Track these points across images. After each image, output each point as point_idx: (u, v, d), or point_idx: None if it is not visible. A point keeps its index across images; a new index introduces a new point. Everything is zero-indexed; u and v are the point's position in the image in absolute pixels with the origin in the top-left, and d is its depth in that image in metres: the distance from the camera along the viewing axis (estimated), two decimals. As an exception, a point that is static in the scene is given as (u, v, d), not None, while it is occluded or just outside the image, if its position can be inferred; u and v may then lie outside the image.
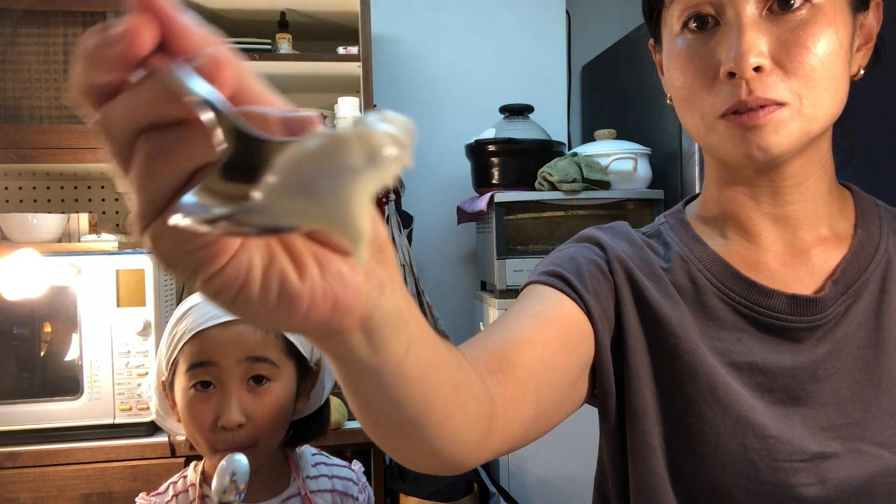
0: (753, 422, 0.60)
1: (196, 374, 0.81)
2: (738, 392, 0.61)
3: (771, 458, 0.59)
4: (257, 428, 0.81)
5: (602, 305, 0.64)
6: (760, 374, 0.62)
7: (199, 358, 0.81)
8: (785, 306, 0.63)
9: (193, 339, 0.81)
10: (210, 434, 0.81)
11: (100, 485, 1.45)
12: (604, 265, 0.67)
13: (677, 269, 0.67)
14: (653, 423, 0.63)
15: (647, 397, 0.64)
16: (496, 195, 1.82)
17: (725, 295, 0.65)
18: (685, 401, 0.62)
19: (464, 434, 0.47)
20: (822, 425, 0.60)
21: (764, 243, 0.66)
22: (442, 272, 2.30)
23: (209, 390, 0.82)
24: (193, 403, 0.82)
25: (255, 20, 1.94)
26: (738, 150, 0.60)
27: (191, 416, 0.82)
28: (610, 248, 0.68)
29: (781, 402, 0.61)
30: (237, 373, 0.81)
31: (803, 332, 0.62)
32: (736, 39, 0.57)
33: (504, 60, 2.33)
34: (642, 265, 0.67)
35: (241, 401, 0.81)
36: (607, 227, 0.74)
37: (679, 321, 0.64)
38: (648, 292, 0.65)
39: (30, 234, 1.65)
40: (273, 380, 0.83)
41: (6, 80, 1.63)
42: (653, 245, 0.70)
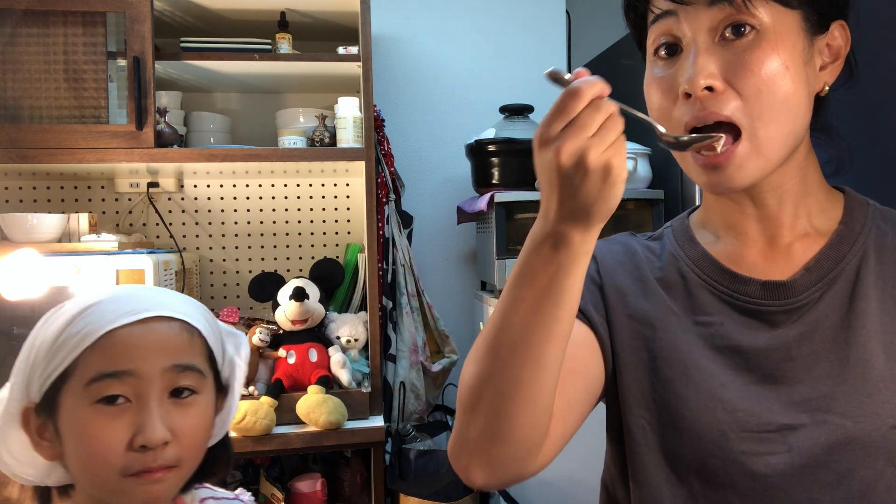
0: (724, 398, 0.67)
1: (103, 388, 0.64)
2: (712, 372, 0.69)
3: (740, 429, 0.66)
4: (182, 447, 0.67)
5: (599, 313, 0.74)
6: (739, 355, 0.69)
7: (110, 367, 0.64)
8: (759, 292, 0.70)
9: (101, 342, 0.65)
10: (120, 459, 0.64)
11: (100, 485, 1.45)
12: (595, 276, 0.76)
13: (668, 266, 0.76)
14: (641, 406, 0.71)
15: (634, 383, 0.72)
16: (496, 195, 1.82)
17: (710, 285, 0.73)
18: (664, 383, 0.70)
19: (530, 430, 0.61)
20: (793, 400, 0.66)
21: (749, 240, 0.73)
22: (442, 272, 2.30)
23: (118, 405, 0.65)
24: (98, 421, 0.64)
25: (255, 20, 1.94)
26: (707, 184, 0.68)
27: (93, 437, 0.64)
28: (601, 258, 0.78)
29: (757, 379, 0.68)
30: (159, 384, 0.66)
31: (778, 316, 0.69)
32: (691, 64, 0.64)
33: (504, 60, 2.33)
34: (631, 269, 0.77)
35: (163, 414, 0.66)
36: (611, 238, 0.83)
37: (657, 314, 0.73)
38: (631, 294, 0.75)
39: (30, 234, 1.65)
40: (198, 392, 0.69)
41: (6, 80, 1.63)
42: (652, 248, 0.79)
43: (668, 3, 0.66)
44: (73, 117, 1.65)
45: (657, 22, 0.68)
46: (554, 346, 0.58)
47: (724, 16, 0.64)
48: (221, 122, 2.03)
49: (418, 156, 2.29)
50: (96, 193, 2.03)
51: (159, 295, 0.70)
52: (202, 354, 0.71)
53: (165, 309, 0.68)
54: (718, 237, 0.76)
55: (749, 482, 0.65)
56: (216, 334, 0.74)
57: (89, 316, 0.66)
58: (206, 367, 0.71)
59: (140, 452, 0.64)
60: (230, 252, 2.11)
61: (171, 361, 0.67)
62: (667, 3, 0.67)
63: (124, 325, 0.65)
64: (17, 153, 1.61)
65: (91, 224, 1.75)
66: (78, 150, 1.63)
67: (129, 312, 0.66)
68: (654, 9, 0.69)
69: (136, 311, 0.66)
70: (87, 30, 1.65)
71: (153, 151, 1.66)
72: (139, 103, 1.64)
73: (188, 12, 1.87)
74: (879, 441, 0.62)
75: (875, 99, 1.13)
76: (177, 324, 0.68)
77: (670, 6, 0.66)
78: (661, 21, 0.68)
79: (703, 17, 0.65)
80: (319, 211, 2.15)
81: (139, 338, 0.66)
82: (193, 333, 0.69)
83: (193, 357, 0.69)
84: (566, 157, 0.52)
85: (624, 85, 2.41)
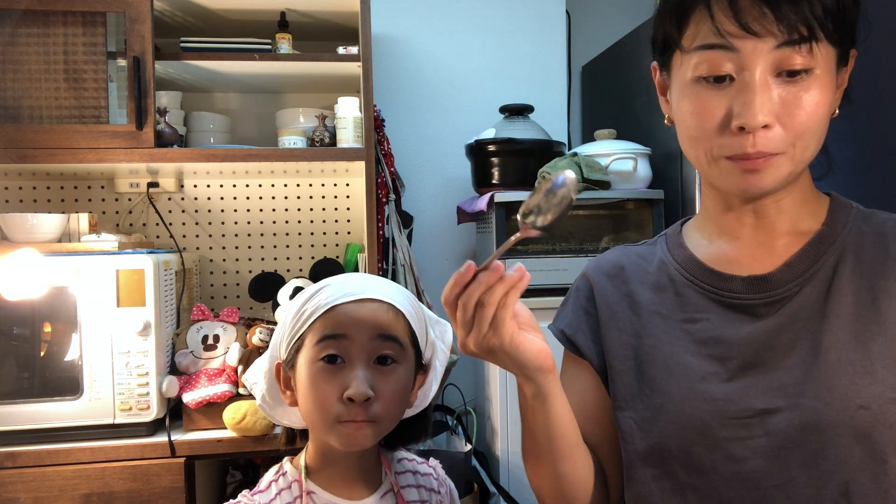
0: (704, 389, 0.73)
1: (326, 347, 0.81)
2: (693, 366, 0.75)
3: (721, 416, 0.71)
4: (383, 405, 0.81)
5: (593, 341, 0.84)
6: (720, 345, 0.74)
7: (333, 330, 0.81)
8: (742, 287, 0.76)
9: (327, 314, 0.82)
10: (334, 408, 0.80)
11: (100, 485, 1.45)
12: (587, 304, 0.86)
13: (658, 271, 0.83)
14: (629, 409, 0.78)
15: (623, 387, 0.79)
16: (496, 195, 1.82)
17: (696, 285, 0.79)
18: (649, 383, 0.77)
19: (582, 471, 0.79)
20: (771, 386, 0.71)
21: (740, 244, 0.79)
22: (442, 272, 2.30)
23: (336, 364, 0.81)
24: (320, 375, 0.81)
25: (255, 20, 1.94)
26: (736, 187, 0.72)
27: (316, 388, 0.81)
28: (594, 282, 0.87)
29: (738, 368, 0.73)
30: (367, 349, 0.81)
31: (760, 308, 0.74)
32: (749, 100, 0.67)
33: (504, 60, 2.33)
34: (619, 285, 0.85)
35: (369, 376, 0.81)
36: (603, 257, 0.91)
37: (643, 321, 0.80)
38: (620, 309, 0.83)
39: (30, 234, 1.65)
40: (398, 362, 0.84)
41: (6, 80, 1.63)
42: (644, 255, 0.87)
43: (735, 30, 0.67)
44: (73, 117, 1.64)
45: (714, 50, 0.69)
46: (560, 438, 0.75)
47: (785, 57, 0.67)
48: (221, 122, 2.03)
49: (418, 156, 2.29)
50: (96, 193, 2.03)
51: (375, 281, 0.87)
52: (405, 332, 0.85)
53: (377, 293, 0.84)
54: (711, 242, 0.81)
55: (732, 466, 0.70)
56: (420, 319, 0.89)
57: (321, 294, 0.84)
58: (408, 343, 0.85)
59: (348, 404, 0.79)
60: (230, 252, 2.11)
61: (377, 331, 0.82)
62: (734, 28, 0.67)
63: (345, 303, 0.82)
64: (17, 153, 1.61)
65: (91, 224, 1.75)
66: (78, 150, 1.63)
67: (349, 293, 0.83)
68: (714, 34, 0.68)
69: (355, 293, 0.83)
70: (87, 30, 1.65)
71: (153, 151, 1.66)
72: (139, 103, 1.64)
73: (188, 12, 1.87)
74: (847, 421, 0.66)
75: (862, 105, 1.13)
76: (385, 305, 0.84)
77: (735, 41, 0.67)
78: (718, 51, 0.69)
79: (768, 55, 0.67)
80: (319, 211, 2.15)
81: (354, 311, 0.82)
82: (398, 314, 0.85)
83: (396, 331, 0.83)
84: (467, 351, 0.68)
85: (624, 84, 2.41)
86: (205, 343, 1.62)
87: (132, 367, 1.48)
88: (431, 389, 0.93)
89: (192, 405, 1.53)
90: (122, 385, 1.48)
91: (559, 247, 1.86)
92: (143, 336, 1.49)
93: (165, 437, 1.49)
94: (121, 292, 1.49)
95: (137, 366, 1.49)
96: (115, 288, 1.48)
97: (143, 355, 1.49)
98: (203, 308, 1.67)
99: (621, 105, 2.20)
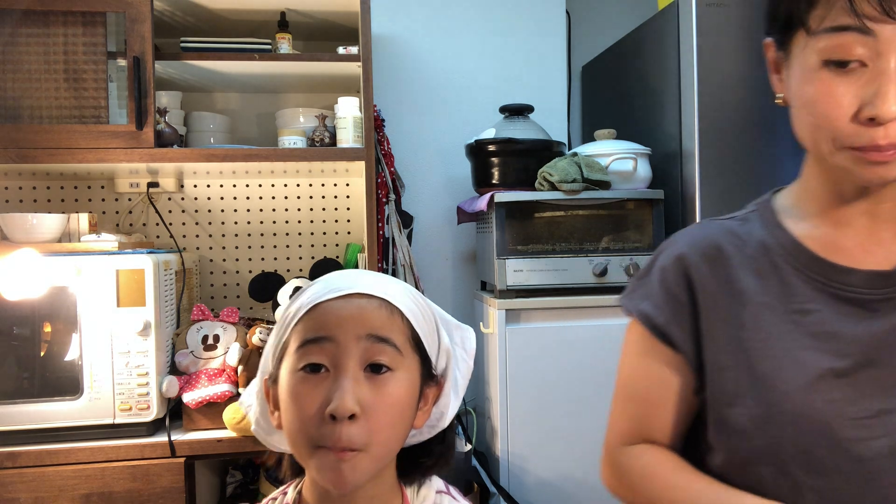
0: (821, 388, 0.70)
1: (307, 353, 0.68)
2: (809, 363, 0.71)
3: (842, 417, 0.69)
4: (372, 425, 0.66)
5: (682, 329, 0.78)
6: (835, 341, 0.71)
7: (314, 332, 0.68)
8: (863, 281, 0.72)
9: (309, 314, 0.69)
10: (314, 428, 0.65)
11: (100, 485, 1.45)
12: (679, 290, 0.79)
13: (759, 255, 0.78)
14: (740, 405, 0.74)
15: (730, 383, 0.75)
16: (496, 195, 1.82)
17: (805, 274, 0.75)
18: (762, 379, 0.73)
19: None
20: (886, 385, 0.69)
21: (850, 231, 0.75)
22: (442, 272, 2.30)
23: (320, 374, 0.67)
24: (299, 388, 0.67)
25: (255, 20, 1.94)
26: (861, 177, 0.69)
27: (294, 403, 0.67)
28: (690, 266, 0.79)
29: (854, 365, 0.70)
30: (355, 353, 0.67)
31: (880, 304, 0.72)
32: (884, 90, 0.63)
33: (504, 60, 2.33)
34: (719, 270, 0.78)
35: (356, 387, 0.66)
36: (696, 235, 0.82)
37: (750, 312, 0.75)
38: (722, 298, 0.77)
39: (30, 234, 1.65)
40: (394, 370, 0.69)
41: (6, 80, 1.63)
42: (738, 234, 0.80)
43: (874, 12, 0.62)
44: (73, 117, 1.64)
45: (848, 32, 0.64)
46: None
47: None
48: (221, 122, 2.03)
49: (418, 156, 2.29)
50: (96, 193, 2.03)
51: (370, 276, 0.74)
52: (403, 334, 0.71)
53: (370, 287, 0.71)
54: (814, 225, 0.77)
55: (855, 466, 0.68)
56: (428, 320, 0.75)
57: (304, 294, 0.72)
58: (409, 348, 0.71)
59: (330, 424, 0.65)
60: (230, 252, 2.11)
61: (367, 331, 0.68)
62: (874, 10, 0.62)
63: (328, 300, 0.69)
64: (17, 153, 1.61)
65: (91, 224, 1.75)
66: (78, 150, 1.63)
67: (333, 290, 0.70)
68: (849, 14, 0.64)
69: (340, 289, 0.70)
70: (87, 30, 1.65)
71: (153, 151, 1.66)
72: (139, 103, 1.64)
73: (188, 12, 1.87)
74: None
75: None
76: (376, 300, 0.70)
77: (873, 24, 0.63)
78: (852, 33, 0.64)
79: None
80: (319, 211, 2.15)
81: (339, 309, 0.69)
82: (394, 312, 0.70)
83: (391, 333, 0.69)
84: None
85: (624, 84, 2.41)
86: (205, 343, 1.62)
87: (132, 367, 1.48)
88: (450, 407, 0.77)
89: (192, 405, 1.53)
90: (122, 385, 1.48)
91: (559, 247, 1.86)
92: (143, 336, 1.49)
93: (165, 437, 1.49)
94: (121, 292, 1.49)
95: (137, 366, 1.49)
96: (115, 288, 1.48)
97: (143, 355, 1.49)
98: (203, 308, 1.67)
99: (621, 105, 2.20)
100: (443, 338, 0.76)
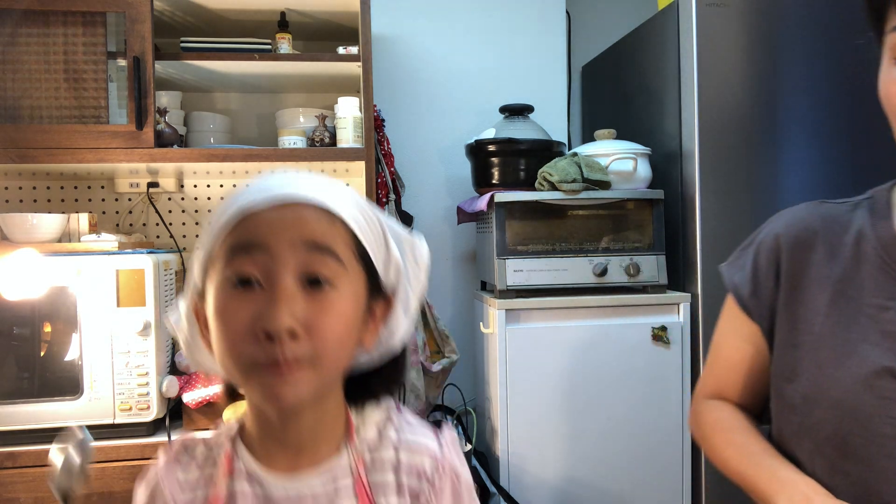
0: (875, 385, 0.71)
1: (236, 264, 0.60)
2: (868, 357, 0.72)
3: (888, 415, 0.70)
4: (314, 342, 0.59)
5: (763, 301, 0.83)
6: None
7: (243, 240, 0.61)
8: None
9: (238, 224, 0.62)
10: (247, 347, 0.59)
11: (100, 485, 1.45)
12: (773, 263, 0.82)
13: (853, 244, 0.78)
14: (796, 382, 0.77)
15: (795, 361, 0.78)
16: (496, 195, 1.82)
17: (894, 272, 0.75)
18: (821, 364, 0.75)
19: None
20: None
21: None
22: (442, 272, 2.30)
23: (252, 290, 0.60)
24: (227, 304, 0.60)
25: (255, 20, 1.94)
26: None
27: (221, 321, 0.60)
28: (785, 244, 0.82)
29: None
30: (291, 263, 0.60)
31: None
32: None
33: (504, 60, 2.33)
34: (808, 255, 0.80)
35: (292, 302, 0.59)
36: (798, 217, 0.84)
37: (822, 297, 0.77)
38: (803, 283, 0.79)
39: (30, 234, 1.65)
40: (336, 285, 0.61)
41: (6, 80, 1.63)
42: (841, 220, 0.81)
43: None
44: (73, 117, 1.64)
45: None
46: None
47: None
48: (221, 122, 2.03)
49: (418, 156, 2.29)
50: (96, 193, 2.03)
51: (305, 179, 0.65)
52: (346, 245, 0.63)
53: (304, 192, 0.63)
54: None
55: (890, 463, 0.69)
56: (375, 231, 0.67)
57: (232, 200, 0.64)
58: (353, 260, 0.64)
59: (267, 343, 0.58)
60: (230, 252, 2.11)
61: (303, 239, 0.61)
62: None
63: (263, 207, 0.62)
64: (17, 153, 1.61)
65: (91, 224, 1.75)
66: (78, 150, 1.63)
67: (269, 198, 0.62)
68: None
69: (272, 190, 0.62)
70: (87, 30, 1.65)
71: (153, 151, 1.66)
72: (139, 103, 1.64)
73: (188, 12, 1.87)
74: None
75: None
76: (317, 208, 0.63)
77: None
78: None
79: None
80: (319, 211, 2.15)
81: (272, 215, 0.61)
82: (336, 221, 0.63)
83: (333, 243, 0.62)
84: None
85: (624, 84, 2.41)
86: (205, 343, 1.62)
87: (132, 367, 1.48)
88: (400, 325, 0.70)
89: (192, 405, 1.53)
90: (122, 385, 1.48)
91: (559, 247, 1.86)
92: (143, 336, 1.49)
93: (165, 436, 1.49)
94: (121, 292, 1.49)
95: (137, 366, 1.49)
96: (115, 288, 1.48)
97: (143, 355, 1.49)
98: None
99: (621, 105, 2.20)
100: (392, 250, 0.69)
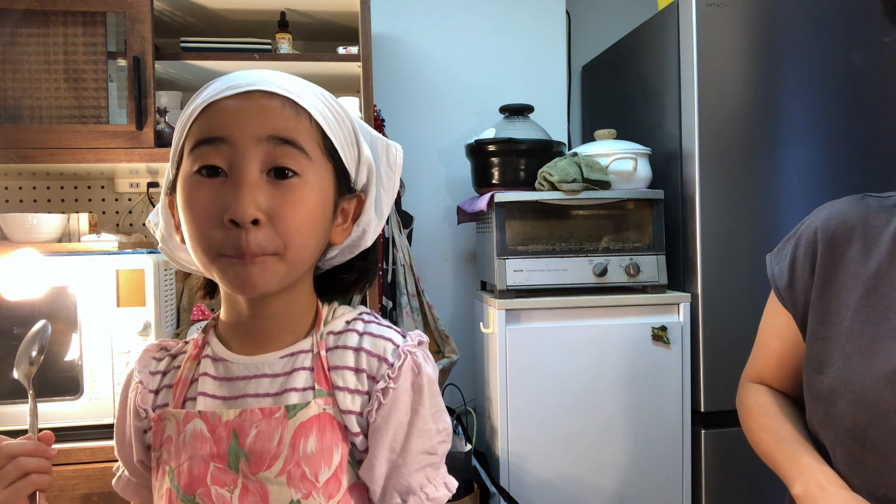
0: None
1: (201, 155, 0.62)
2: (894, 354, 0.73)
3: None
4: (280, 230, 0.61)
5: (800, 293, 0.85)
6: None
7: (208, 132, 0.62)
8: None
9: (204, 113, 0.63)
10: (214, 234, 0.60)
11: (100, 485, 1.45)
12: (811, 256, 0.84)
13: (890, 241, 0.79)
14: (824, 374, 0.79)
15: (824, 353, 0.80)
16: (496, 195, 1.82)
17: None
18: (846, 359, 0.77)
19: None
20: None
21: None
22: (442, 272, 2.30)
23: (218, 178, 0.61)
24: (194, 192, 0.62)
25: (255, 20, 1.94)
26: None
27: (189, 208, 0.62)
28: (823, 238, 0.83)
29: None
30: (255, 155, 0.61)
31: None
32: None
33: (504, 60, 2.33)
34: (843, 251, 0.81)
35: (256, 192, 0.60)
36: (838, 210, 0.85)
37: (854, 293, 0.78)
38: (835, 277, 0.81)
39: (30, 234, 1.65)
40: (301, 175, 0.63)
41: (6, 80, 1.63)
42: (882, 216, 0.81)
43: None
44: (73, 117, 1.65)
45: None
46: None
47: None
48: (221, 122, 2.03)
49: (418, 156, 2.29)
50: (96, 193, 2.03)
51: (272, 74, 0.66)
52: (312, 137, 0.64)
53: (269, 85, 0.64)
54: None
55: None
56: (344, 126, 0.68)
57: (202, 93, 0.65)
58: (318, 153, 0.65)
59: (232, 230, 0.60)
60: (230, 252, 2.11)
61: (268, 132, 0.62)
62: None
63: (225, 98, 0.63)
64: (17, 153, 1.61)
65: (91, 224, 1.75)
66: (78, 150, 1.63)
67: (232, 86, 0.63)
68: None
69: (239, 85, 0.63)
70: (87, 30, 1.65)
71: (153, 151, 1.66)
72: (139, 103, 1.64)
73: (188, 12, 1.87)
74: None
75: None
76: (280, 99, 0.63)
77: None
78: None
79: None
80: (319, 211, 2.15)
81: (236, 106, 0.62)
82: (301, 112, 0.64)
83: (298, 135, 0.63)
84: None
85: (624, 84, 2.41)
86: (205, 343, 1.62)
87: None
88: (371, 225, 0.72)
89: (192, 405, 1.53)
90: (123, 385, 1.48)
91: (559, 247, 1.86)
92: (143, 336, 1.49)
93: (165, 437, 1.49)
94: (121, 292, 1.49)
95: (137, 366, 1.49)
96: (115, 288, 1.48)
97: (143, 355, 1.49)
98: (203, 308, 1.67)
99: (621, 105, 2.20)
100: (363, 149, 0.71)
